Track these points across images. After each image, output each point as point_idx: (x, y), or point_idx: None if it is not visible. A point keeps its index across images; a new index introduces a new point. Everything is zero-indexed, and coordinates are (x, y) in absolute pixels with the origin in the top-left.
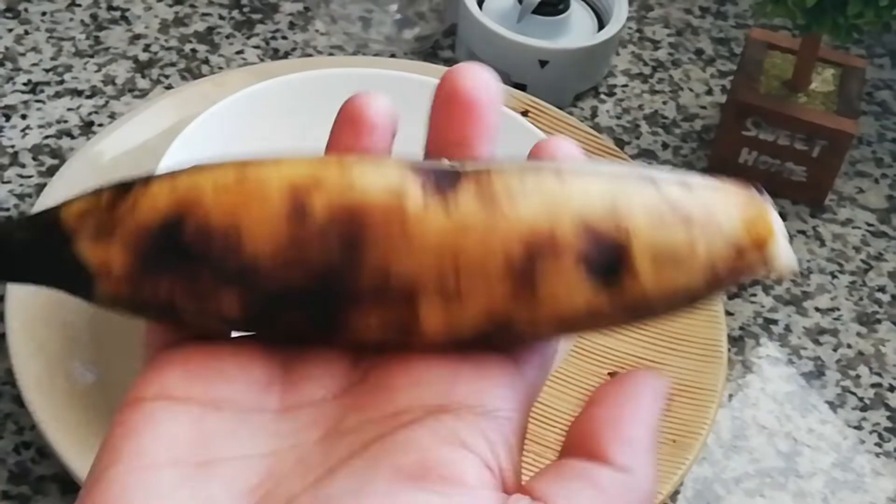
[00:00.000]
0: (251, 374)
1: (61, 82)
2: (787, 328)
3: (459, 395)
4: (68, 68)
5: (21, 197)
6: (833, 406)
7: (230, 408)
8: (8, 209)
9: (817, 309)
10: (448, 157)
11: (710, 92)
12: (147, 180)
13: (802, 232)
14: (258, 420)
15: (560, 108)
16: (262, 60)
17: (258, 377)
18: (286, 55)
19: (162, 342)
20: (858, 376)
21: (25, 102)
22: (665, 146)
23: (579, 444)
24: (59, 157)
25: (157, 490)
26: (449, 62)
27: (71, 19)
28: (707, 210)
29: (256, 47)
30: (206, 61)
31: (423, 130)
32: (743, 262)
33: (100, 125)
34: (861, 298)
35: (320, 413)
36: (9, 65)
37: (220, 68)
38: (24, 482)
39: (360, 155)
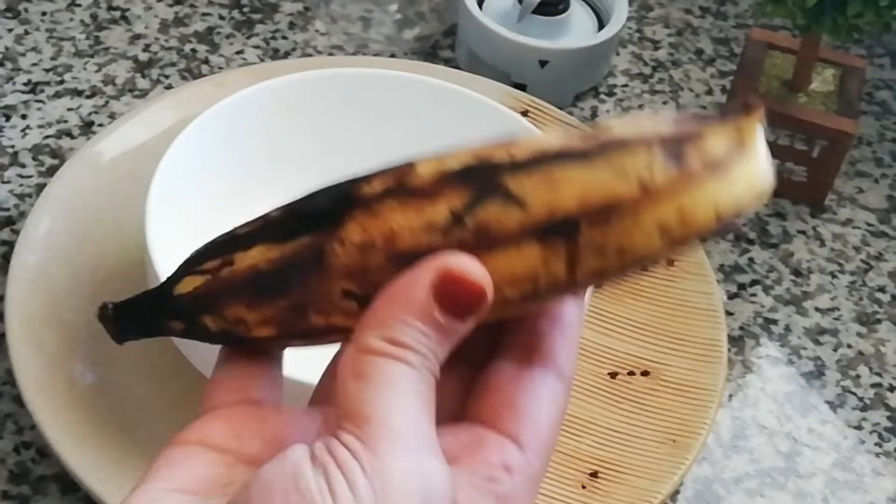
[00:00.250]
0: (286, 440)
1: (61, 82)
2: (787, 328)
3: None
4: (68, 68)
5: (21, 197)
6: (833, 406)
7: (260, 465)
8: (8, 209)
9: (817, 309)
10: None
11: (710, 92)
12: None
13: (802, 232)
14: None
15: (560, 108)
16: (262, 60)
17: (291, 444)
18: (286, 55)
19: (215, 404)
20: (858, 376)
21: (25, 102)
22: None
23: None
24: (59, 157)
25: None
26: (449, 62)
27: (71, 19)
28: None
29: (256, 47)
30: (206, 61)
31: (422, 130)
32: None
33: (100, 125)
34: (861, 298)
35: None
36: (9, 65)
37: (220, 68)
38: (24, 482)
39: None
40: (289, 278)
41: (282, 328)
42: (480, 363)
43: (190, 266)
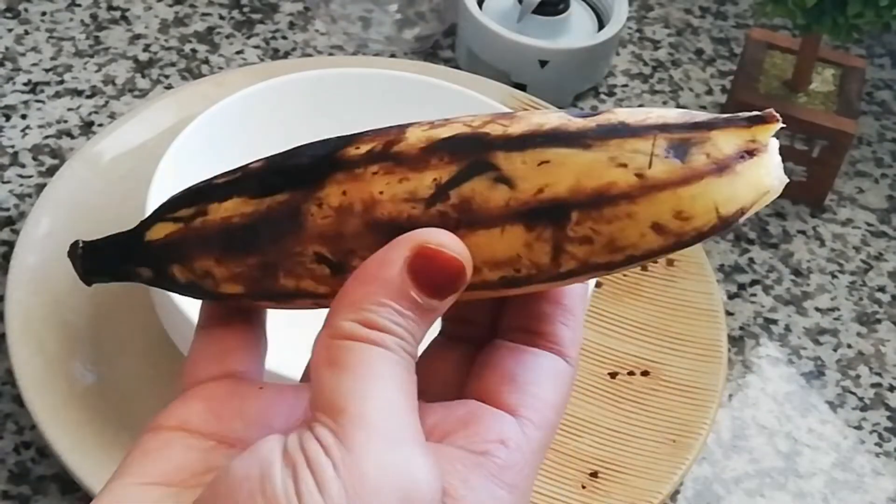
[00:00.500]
0: (271, 420)
1: (61, 82)
2: (787, 328)
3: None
4: (68, 68)
5: (21, 197)
6: (833, 406)
7: (242, 446)
8: (8, 209)
9: (817, 309)
10: None
11: (710, 92)
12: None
13: (802, 232)
14: None
15: (560, 108)
16: (262, 60)
17: (277, 425)
18: (286, 55)
19: (195, 379)
20: (858, 376)
21: (25, 102)
22: None
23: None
24: (59, 157)
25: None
26: (449, 62)
27: (71, 19)
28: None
29: (256, 47)
30: (206, 61)
31: None
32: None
33: (100, 125)
34: (861, 298)
35: None
36: (9, 65)
37: (220, 68)
38: (23, 482)
39: None
40: (261, 235)
41: (250, 287)
42: (481, 343)
43: (164, 212)
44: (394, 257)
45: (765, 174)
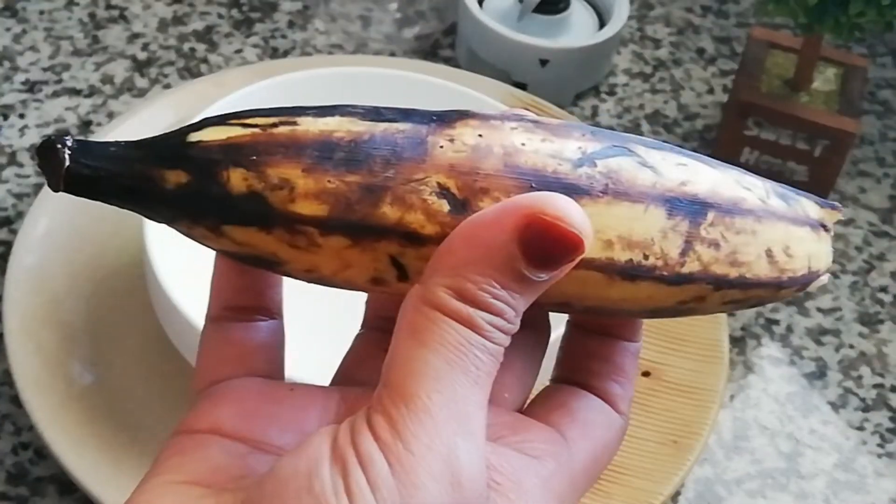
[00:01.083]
0: (304, 424)
1: (59, 81)
2: (789, 328)
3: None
4: (66, 67)
5: (19, 196)
6: (835, 407)
7: (278, 453)
8: (6, 209)
9: (819, 309)
10: None
11: (711, 91)
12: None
13: None
14: None
15: (561, 108)
16: (261, 59)
17: (310, 429)
18: (285, 54)
19: (213, 377)
20: (860, 377)
21: (23, 102)
22: None
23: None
24: None
25: (177, 501)
26: (449, 61)
27: (69, 18)
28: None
29: (255, 46)
30: (205, 60)
31: None
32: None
33: (98, 125)
34: (863, 299)
35: None
36: (7, 64)
37: (219, 67)
38: (21, 483)
39: None
40: (373, 154)
41: (336, 209)
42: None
43: (222, 119)
44: (505, 221)
45: (830, 252)
